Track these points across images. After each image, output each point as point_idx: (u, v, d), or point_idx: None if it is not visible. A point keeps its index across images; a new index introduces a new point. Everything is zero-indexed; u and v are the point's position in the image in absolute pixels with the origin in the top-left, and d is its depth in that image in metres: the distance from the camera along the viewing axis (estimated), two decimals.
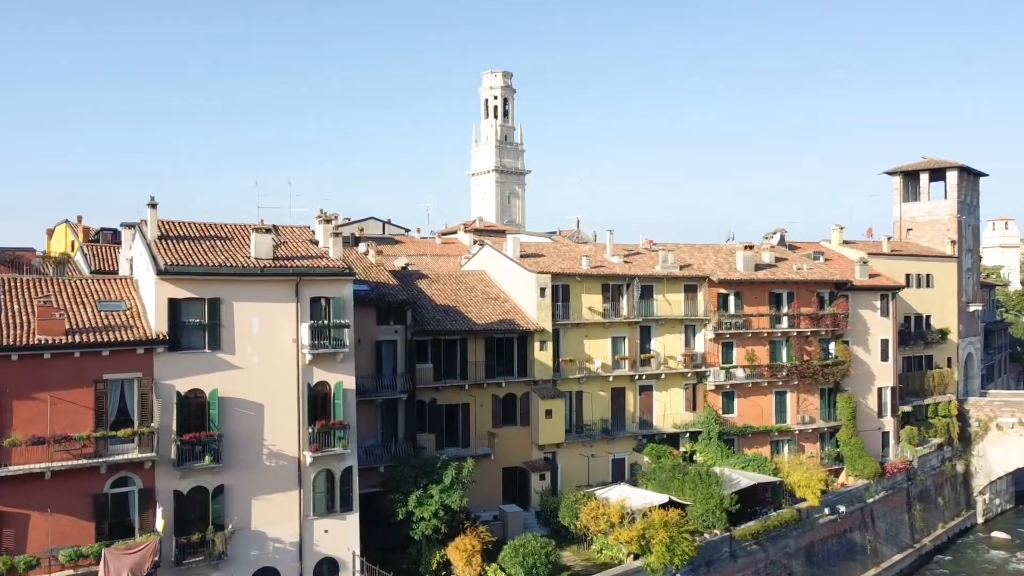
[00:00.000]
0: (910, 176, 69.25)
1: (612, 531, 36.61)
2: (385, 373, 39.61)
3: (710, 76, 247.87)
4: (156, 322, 29.37)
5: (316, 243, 35.17)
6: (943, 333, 63.01)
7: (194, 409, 29.70)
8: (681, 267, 49.60)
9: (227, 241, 33.28)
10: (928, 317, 63.13)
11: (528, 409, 43.43)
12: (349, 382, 32.69)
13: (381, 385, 39.19)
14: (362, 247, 47.36)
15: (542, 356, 43.99)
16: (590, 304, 46.22)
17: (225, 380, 30.17)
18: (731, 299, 50.06)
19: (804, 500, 45.49)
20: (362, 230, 56.12)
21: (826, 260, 57.86)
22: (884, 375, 56.23)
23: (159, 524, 28.26)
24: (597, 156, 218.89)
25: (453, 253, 59.71)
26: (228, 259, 31.20)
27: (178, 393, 29.22)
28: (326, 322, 31.84)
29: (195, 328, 29.94)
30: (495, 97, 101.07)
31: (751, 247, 52.34)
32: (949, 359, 64.52)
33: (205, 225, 34.37)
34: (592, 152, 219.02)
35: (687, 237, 54.84)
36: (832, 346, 53.46)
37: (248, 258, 31.64)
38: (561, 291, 45.34)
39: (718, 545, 39.72)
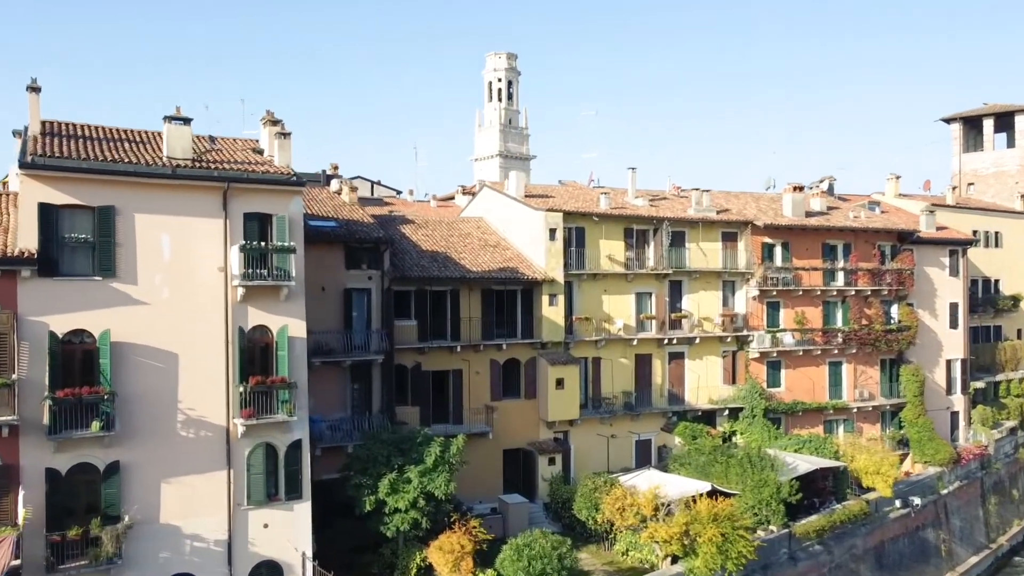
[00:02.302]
0: (971, 124, 60.77)
1: (644, 527, 28.46)
2: (356, 329, 31.85)
3: (728, 39, 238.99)
4: (22, 237, 21.35)
5: (260, 152, 27.16)
6: (1015, 300, 54.48)
7: (78, 357, 21.73)
8: (718, 211, 41.40)
9: (139, 145, 25.22)
10: (997, 281, 54.70)
11: (535, 378, 35.48)
12: (297, 327, 24.58)
13: (351, 344, 31.45)
14: (335, 184, 39.33)
15: (551, 313, 35.93)
16: (610, 252, 38.09)
17: (122, 319, 22.12)
18: (778, 250, 41.82)
19: (873, 490, 37.28)
20: (336, 167, 48.00)
21: (882, 212, 49.55)
22: (953, 345, 47.88)
23: (20, 514, 20.29)
24: (614, 103, 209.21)
25: (450, 218, 51.65)
26: (129, 157, 23.15)
27: (53, 334, 21.17)
28: (264, 244, 23.79)
29: (80, 247, 21.91)
30: (499, 80, 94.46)
31: (800, 188, 44.07)
32: (1019, 330, 56.08)
33: (113, 129, 26.23)
34: (607, 104, 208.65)
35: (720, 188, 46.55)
36: (895, 309, 45.15)
37: (159, 158, 23.61)
38: (575, 235, 37.24)
39: (776, 545, 31.50)
